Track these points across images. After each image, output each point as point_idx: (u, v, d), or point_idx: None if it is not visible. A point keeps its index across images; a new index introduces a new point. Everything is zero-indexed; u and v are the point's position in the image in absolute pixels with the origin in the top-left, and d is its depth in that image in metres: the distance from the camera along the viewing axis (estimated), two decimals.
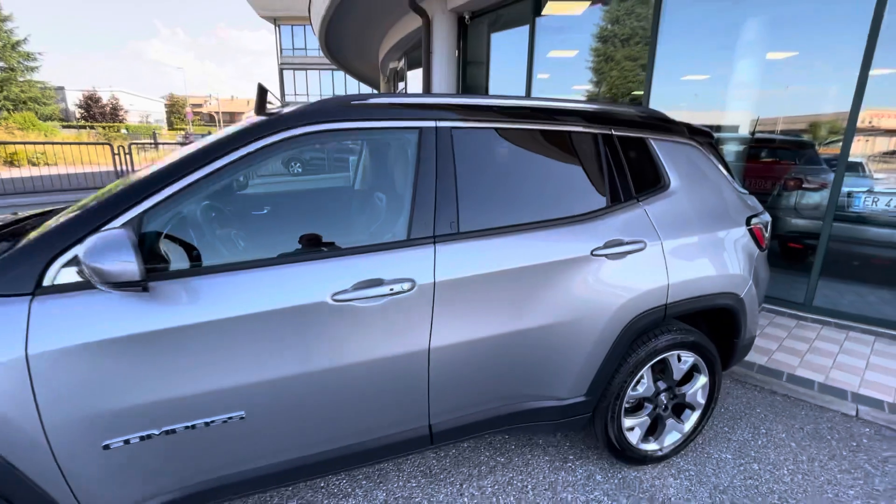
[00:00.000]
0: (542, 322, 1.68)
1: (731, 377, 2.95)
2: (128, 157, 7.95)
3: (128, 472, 1.31)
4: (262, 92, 1.76)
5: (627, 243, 1.80)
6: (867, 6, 3.36)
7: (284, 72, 33.20)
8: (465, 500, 1.93)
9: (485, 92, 7.00)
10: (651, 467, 2.13)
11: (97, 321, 1.22)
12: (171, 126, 58.68)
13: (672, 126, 2.09)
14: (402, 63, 10.16)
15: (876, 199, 3.80)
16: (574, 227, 1.75)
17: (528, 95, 6.00)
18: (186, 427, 1.33)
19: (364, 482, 2.03)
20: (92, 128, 33.62)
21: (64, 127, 31.83)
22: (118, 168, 7.83)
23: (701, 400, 2.13)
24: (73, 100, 48.13)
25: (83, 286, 1.23)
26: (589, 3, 5.56)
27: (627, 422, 2.00)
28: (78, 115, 44.59)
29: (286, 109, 1.57)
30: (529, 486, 2.01)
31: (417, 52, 8.93)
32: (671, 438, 2.13)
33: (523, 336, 1.67)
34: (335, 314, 1.42)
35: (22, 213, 2.06)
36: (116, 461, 1.29)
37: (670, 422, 2.12)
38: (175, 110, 64.16)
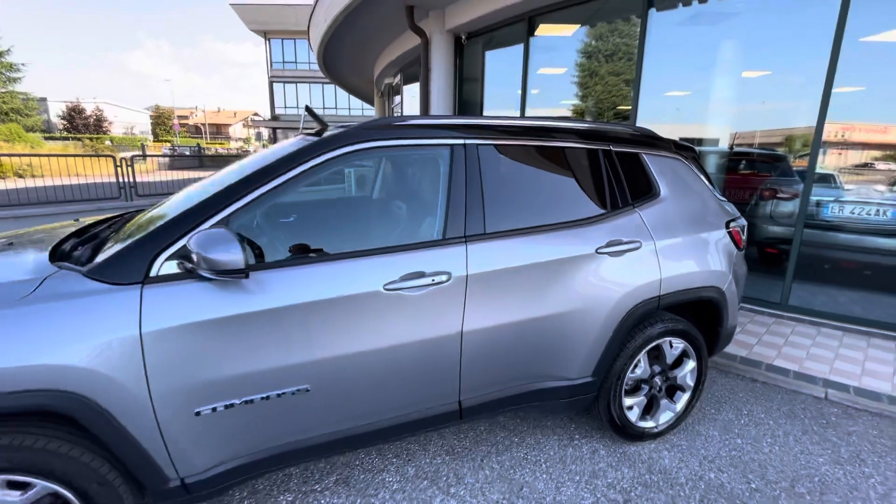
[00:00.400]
0: (555, 310, 1.96)
1: (717, 368, 3.25)
2: (130, 168, 8.09)
3: (212, 436, 1.53)
4: (309, 113, 2.03)
5: (626, 243, 2.10)
6: (828, 31, 3.76)
7: (275, 84, 33.44)
8: (486, 472, 2.18)
9: (479, 106, 7.35)
10: (648, 443, 2.40)
11: (194, 306, 1.45)
12: (156, 137, 58.15)
13: (660, 142, 2.41)
14: (397, 79, 10.52)
15: (842, 208, 4.19)
16: (581, 228, 2.04)
17: (522, 109, 6.36)
18: (262, 398, 1.56)
19: (394, 460, 2.26)
20: (77, 139, 33.27)
21: (46, 138, 31.47)
22: (121, 180, 7.96)
23: (690, 382, 2.42)
24: (55, 111, 47.53)
25: (183, 276, 1.47)
26: (578, 25, 5.98)
27: (627, 401, 2.28)
28: (61, 127, 44.08)
29: (335, 130, 1.84)
30: (542, 460, 2.26)
31: (413, 69, 9.29)
32: (665, 417, 2.40)
33: (540, 322, 1.94)
34: (386, 301, 1.67)
35: (85, 220, 2.27)
36: (204, 426, 1.51)
37: (664, 402, 2.40)
38: (161, 122, 63.56)
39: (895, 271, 3.97)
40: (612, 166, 2.19)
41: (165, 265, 1.46)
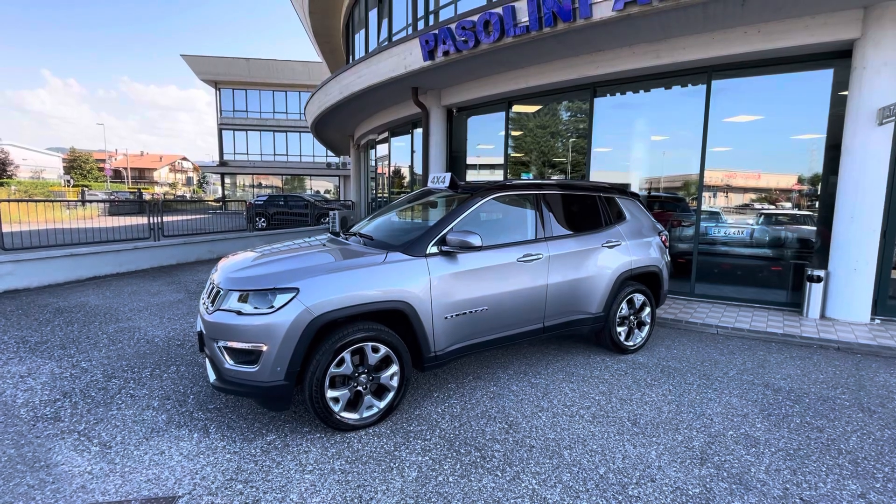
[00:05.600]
0: (586, 274, 3.88)
1: (660, 325, 5.32)
2: (159, 212, 9.05)
3: (449, 330, 3.20)
4: (453, 179, 3.85)
5: (615, 242, 4.11)
6: (700, 114, 6.27)
7: (224, 131, 33.97)
8: (551, 369, 3.95)
9: (464, 156, 9.46)
10: (629, 354, 4.33)
11: (442, 266, 3.16)
12: (73, 182, 54.08)
13: (625, 190, 4.52)
14: (383, 135, 12.48)
15: (718, 230, 6.65)
16: (594, 234, 4.03)
17: (505, 159, 8.52)
18: (469, 312, 3.27)
19: (499, 369, 3.96)
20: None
21: None
22: (151, 221, 8.87)
23: (648, 320, 4.42)
24: None
25: (436, 254, 3.17)
26: (540, 106, 8.37)
27: (619, 329, 4.21)
28: None
29: (479, 185, 3.68)
30: (578, 363, 4.09)
31: (402, 127, 11.33)
32: (638, 339, 4.37)
33: (580, 280, 3.84)
34: (518, 266, 3.48)
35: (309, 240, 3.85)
36: (448, 325, 3.18)
37: (636, 331, 4.37)
38: (77, 165, 59.35)
39: (751, 269, 6.42)
40: (603, 203, 4.24)
41: (431, 248, 3.18)
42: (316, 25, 14.82)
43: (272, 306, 2.67)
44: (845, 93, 5.40)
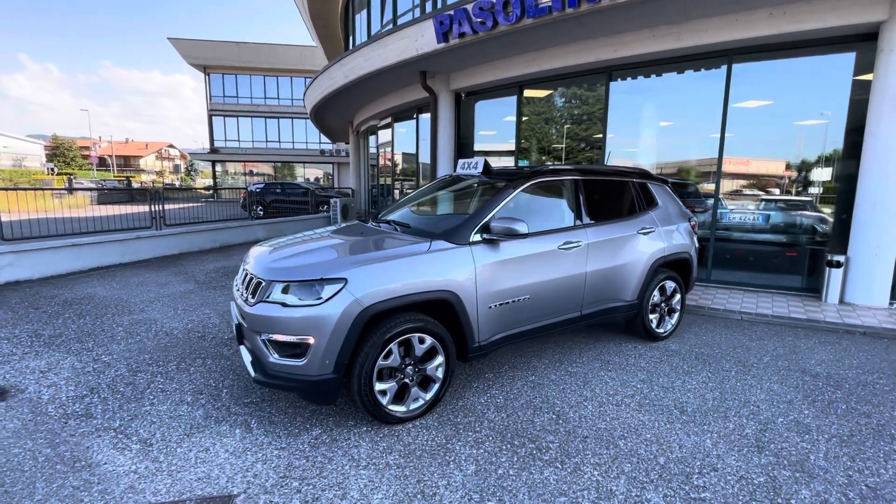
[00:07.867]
0: (622, 262, 3.81)
1: (686, 312, 5.30)
2: (161, 200, 8.78)
3: (492, 320, 3.11)
4: (487, 165, 3.73)
5: (649, 228, 4.04)
6: (719, 97, 6.19)
7: (214, 117, 33.19)
8: (585, 358, 3.91)
9: (472, 142, 9.30)
10: (661, 342, 4.30)
11: (486, 255, 3.06)
12: (54, 171, 52.70)
13: (654, 177, 4.44)
14: (386, 121, 12.23)
15: (735, 216, 6.62)
16: (629, 220, 3.95)
17: (517, 143, 8.39)
18: (513, 301, 3.18)
19: (534, 358, 3.90)
20: None
21: None
22: (153, 210, 8.62)
23: (678, 307, 4.38)
24: None
25: (479, 242, 3.07)
26: (552, 90, 8.22)
27: (651, 316, 4.17)
28: None
29: (515, 171, 3.57)
30: (611, 351, 4.05)
31: (406, 113, 11.11)
32: (668, 326, 4.33)
33: (616, 268, 3.78)
34: (559, 254, 3.40)
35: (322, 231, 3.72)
36: (491, 314, 3.09)
37: (667, 318, 4.33)
38: (60, 153, 57.74)
39: (768, 255, 6.42)
40: (636, 189, 4.17)
41: (475, 236, 3.08)
42: (314, 8, 14.38)
43: (320, 297, 2.56)
44: (866, 77, 5.35)
